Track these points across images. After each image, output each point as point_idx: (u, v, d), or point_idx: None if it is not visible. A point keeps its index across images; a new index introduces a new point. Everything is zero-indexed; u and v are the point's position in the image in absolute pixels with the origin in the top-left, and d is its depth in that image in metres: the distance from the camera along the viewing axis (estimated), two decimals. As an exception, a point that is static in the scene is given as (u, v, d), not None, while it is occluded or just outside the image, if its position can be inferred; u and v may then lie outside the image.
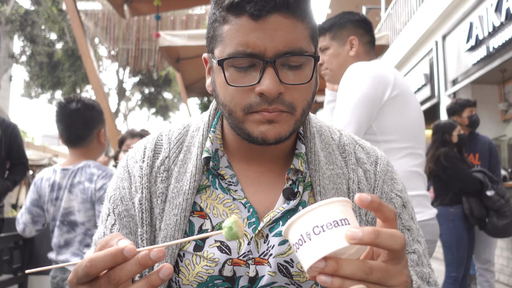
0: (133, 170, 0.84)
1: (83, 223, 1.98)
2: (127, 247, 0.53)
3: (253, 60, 0.72)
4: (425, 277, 0.82)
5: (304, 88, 0.75)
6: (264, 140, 0.74)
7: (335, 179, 0.83)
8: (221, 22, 0.75)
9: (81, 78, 16.70)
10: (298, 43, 0.73)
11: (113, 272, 0.54)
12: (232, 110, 0.75)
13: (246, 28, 0.71)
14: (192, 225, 0.80)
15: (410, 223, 0.86)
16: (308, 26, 0.76)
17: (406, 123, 1.78)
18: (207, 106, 12.63)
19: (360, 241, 0.51)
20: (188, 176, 0.81)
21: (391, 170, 0.89)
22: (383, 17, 12.19)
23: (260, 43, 0.70)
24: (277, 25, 0.71)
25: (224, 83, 0.74)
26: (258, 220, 0.79)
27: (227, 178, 0.82)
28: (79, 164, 2.03)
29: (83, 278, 0.54)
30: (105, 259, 0.53)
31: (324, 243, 0.52)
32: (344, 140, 0.89)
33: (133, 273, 0.54)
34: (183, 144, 0.86)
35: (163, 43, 4.44)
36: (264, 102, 0.72)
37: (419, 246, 0.85)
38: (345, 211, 0.55)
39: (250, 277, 0.77)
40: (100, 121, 2.13)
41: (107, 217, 0.85)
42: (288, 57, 0.72)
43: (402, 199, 0.86)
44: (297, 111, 0.75)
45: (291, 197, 0.80)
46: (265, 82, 0.70)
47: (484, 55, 6.16)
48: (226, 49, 0.73)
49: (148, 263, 0.54)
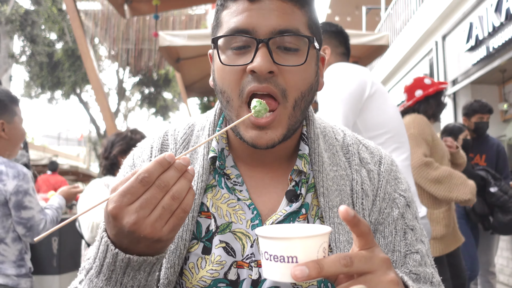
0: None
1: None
2: (166, 154, 0.61)
3: (247, 40, 0.72)
4: (428, 277, 0.81)
5: (298, 74, 0.74)
6: (254, 146, 0.74)
7: (338, 180, 0.82)
8: (221, 10, 0.77)
9: (81, 78, 16.69)
10: (293, 24, 0.73)
11: (160, 179, 0.59)
12: (230, 96, 0.75)
13: (241, 9, 0.73)
14: (200, 226, 0.80)
15: (414, 223, 0.85)
16: (307, 15, 0.76)
17: (388, 118, 1.89)
18: (207, 106, 12.63)
19: (308, 277, 0.52)
20: (196, 176, 0.80)
21: (395, 170, 0.88)
22: (383, 17, 12.19)
23: (254, 21, 0.71)
24: (274, 7, 0.72)
25: (221, 66, 0.75)
26: (262, 222, 0.79)
27: (233, 178, 0.82)
28: None
29: (141, 189, 0.59)
30: (156, 166, 0.59)
31: (272, 270, 0.56)
32: (348, 140, 0.89)
33: (175, 178, 0.60)
34: (189, 144, 0.86)
35: (163, 43, 4.44)
36: (255, 80, 0.71)
37: (423, 246, 0.84)
38: (298, 248, 0.55)
39: (253, 280, 0.77)
40: (1, 111, 1.90)
41: None
42: (282, 37, 0.72)
43: (406, 199, 0.85)
44: (289, 102, 0.73)
45: (293, 199, 0.80)
46: (257, 59, 0.70)
47: (484, 55, 6.16)
48: (222, 31, 0.75)
49: (183, 167, 0.61)
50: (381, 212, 0.82)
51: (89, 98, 20.42)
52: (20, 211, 1.82)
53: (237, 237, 0.78)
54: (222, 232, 0.78)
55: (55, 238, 3.91)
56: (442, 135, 3.89)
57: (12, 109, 1.94)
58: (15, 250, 1.85)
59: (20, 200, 1.81)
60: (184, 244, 0.77)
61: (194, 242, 0.79)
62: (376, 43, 4.61)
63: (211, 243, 0.78)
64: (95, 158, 26.30)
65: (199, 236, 0.79)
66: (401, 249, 0.82)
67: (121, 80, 20.05)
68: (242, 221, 0.79)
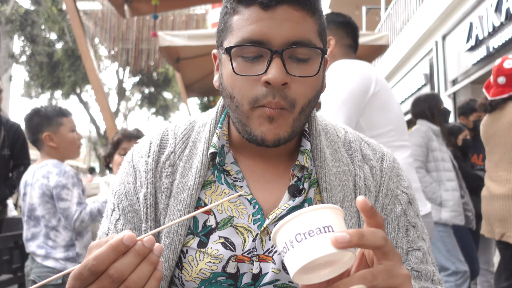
0: (138, 165, 0.84)
1: (44, 216, 2.15)
2: (125, 236, 0.53)
3: (260, 50, 0.72)
4: (429, 275, 0.82)
5: (308, 84, 0.74)
6: (263, 141, 0.74)
7: (341, 176, 0.83)
8: (231, 14, 0.76)
9: (81, 78, 16.69)
10: (306, 35, 0.73)
11: (113, 268, 0.53)
12: (240, 102, 0.74)
13: (255, 17, 0.72)
14: (196, 221, 0.80)
15: (416, 220, 0.86)
16: (317, 22, 0.76)
17: (392, 117, 1.84)
18: (207, 106, 12.63)
19: (349, 244, 0.50)
20: (194, 171, 0.81)
21: (397, 167, 0.89)
22: (383, 17, 12.19)
23: (268, 31, 0.71)
24: (286, 16, 0.72)
25: (232, 73, 0.74)
26: (264, 217, 0.79)
27: (233, 174, 0.82)
28: (41, 163, 2.24)
29: (90, 277, 0.53)
30: (108, 252, 0.53)
31: (307, 251, 0.51)
32: (350, 137, 0.89)
33: (133, 264, 0.54)
34: (189, 139, 0.86)
35: (163, 43, 4.44)
36: (269, 94, 0.72)
37: (424, 244, 0.85)
38: (330, 218, 0.53)
39: (253, 274, 0.77)
40: (45, 126, 2.30)
41: (112, 212, 0.85)
42: (295, 48, 0.72)
43: (408, 196, 0.86)
44: (296, 109, 0.74)
45: (296, 194, 0.80)
46: (271, 71, 0.70)
47: (484, 55, 6.16)
48: (234, 38, 0.74)
49: (145, 251, 0.54)
50: (383, 208, 0.83)
51: (89, 98, 20.44)
52: (59, 202, 2.14)
53: (239, 231, 0.79)
54: (222, 228, 0.79)
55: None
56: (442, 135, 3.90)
57: (57, 121, 2.32)
58: (66, 236, 2.17)
59: (59, 193, 2.13)
60: (179, 239, 0.77)
61: (190, 237, 0.79)
62: (376, 43, 4.61)
63: (207, 238, 0.78)
64: (95, 158, 26.31)
65: (196, 231, 0.79)
66: (403, 246, 0.82)
67: (121, 80, 20.05)
68: (244, 216, 0.79)
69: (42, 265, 2.12)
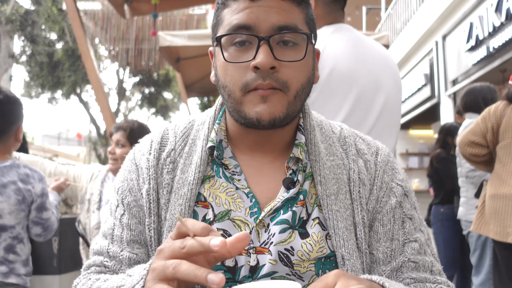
0: (140, 162, 0.87)
1: (14, 226, 1.84)
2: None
3: (248, 37, 0.76)
4: (427, 265, 0.83)
5: (298, 68, 0.78)
6: (259, 121, 0.76)
7: (335, 169, 0.85)
8: (222, 8, 0.81)
9: (81, 78, 16.68)
10: (293, 21, 0.77)
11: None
12: (231, 90, 0.78)
13: (242, 7, 0.77)
14: (196, 215, 0.82)
15: (412, 212, 0.87)
16: (304, 12, 0.81)
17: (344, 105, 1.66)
18: (207, 106, 12.63)
19: None
20: (193, 167, 0.83)
21: (392, 161, 0.90)
22: (383, 17, 12.19)
23: (255, 17, 0.75)
24: (273, 4, 0.76)
25: (223, 63, 0.78)
26: (260, 210, 0.81)
27: (231, 168, 0.84)
28: (5, 163, 1.86)
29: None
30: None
31: None
32: (345, 133, 0.92)
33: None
34: (189, 137, 0.89)
35: (163, 43, 4.44)
36: (259, 77, 0.75)
37: (422, 235, 0.86)
38: None
39: (251, 267, 0.78)
40: (21, 117, 1.96)
41: (116, 208, 0.87)
42: (282, 34, 0.76)
43: (403, 188, 0.87)
44: (291, 91, 0.77)
45: (290, 186, 0.82)
46: (259, 56, 0.74)
47: (484, 55, 6.16)
48: (224, 29, 0.78)
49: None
50: (378, 201, 0.85)
51: (89, 98, 20.42)
52: (42, 212, 1.92)
53: (236, 224, 0.80)
54: (220, 220, 0.81)
55: (55, 238, 3.91)
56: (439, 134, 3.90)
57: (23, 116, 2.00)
58: (27, 250, 1.93)
59: (43, 202, 1.92)
60: None
61: None
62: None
63: None
64: (95, 158, 26.31)
65: None
66: (399, 238, 0.84)
67: (121, 80, 20.05)
68: (241, 209, 0.81)
69: (4, 283, 1.80)
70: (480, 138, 2.47)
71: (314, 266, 0.79)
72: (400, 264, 0.81)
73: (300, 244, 0.78)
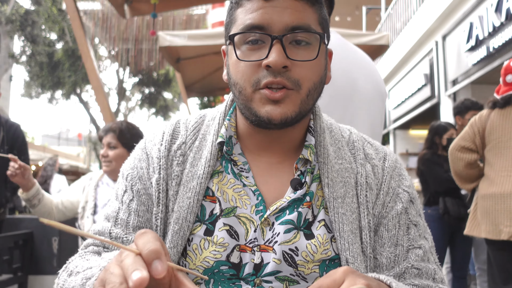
0: (151, 152, 0.88)
1: None
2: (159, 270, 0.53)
3: (261, 36, 0.76)
4: (430, 273, 0.83)
5: (310, 67, 0.78)
6: (270, 120, 0.76)
7: (343, 172, 0.85)
8: (235, 8, 0.81)
9: (81, 78, 16.68)
10: (306, 21, 0.77)
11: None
12: (242, 87, 0.78)
13: (256, 7, 0.77)
14: (204, 209, 0.83)
15: (418, 219, 0.87)
16: (317, 13, 0.81)
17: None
18: (207, 106, 12.62)
19: None
20: (203, 161, 0.84)
21: (399, 167, 0.91)
22: (383, 17, 12.19)
23: (269, 17, 0.75)
24: (287, 4, 0.76)
25: (236, 61, 0.78)
26: (266, 208, 0.81)
27: (240, 165, 0.85)
28: None
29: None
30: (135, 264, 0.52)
31: None
32: (354, 137, 0.92)
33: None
34: (199, 132, 0.90)
35: (163, 43, 4.44)
36: (270, 74, 0.75)
37: (426, 243, 0.86)
38: None
39: (255, 264, 0.79)
40: None
41: (123, 193, 0.88)
42: (295, 33, 0.76)
43: (409, 194, 0.88)
44: (303, 89, 0.77)
45: (298, 187, 0.82)
46: (272, 55, 0.74)
47: (484, 55, 6.15)
48: (237, 27, 0.79)
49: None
50: (384, 205, 0.85)
51: (89, 98, 20.42)
52: None
53: (241, 221, 0.81)
54: (226, 216, 0.81)
55: (55, 238, 3.91)
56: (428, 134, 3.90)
57: None
58: None
59: None
60: (188, 226, 0.80)
61: (197, 224, 0.82)
62: (376, 43, 4.62)
63: (214, 226, 0.81)
64: (95, 158, 26.29)
65: (203, 218, 0.82)
66: (404, 244, 0.84)
67: (121, 80, 20.04)
68: (247, 206, 0.82)
69: None
70: (469, 143, 2.64)
71: (318, 268, 0.79)
72: (403, 270, 0.82)
73: (305, 244, 0.79)
